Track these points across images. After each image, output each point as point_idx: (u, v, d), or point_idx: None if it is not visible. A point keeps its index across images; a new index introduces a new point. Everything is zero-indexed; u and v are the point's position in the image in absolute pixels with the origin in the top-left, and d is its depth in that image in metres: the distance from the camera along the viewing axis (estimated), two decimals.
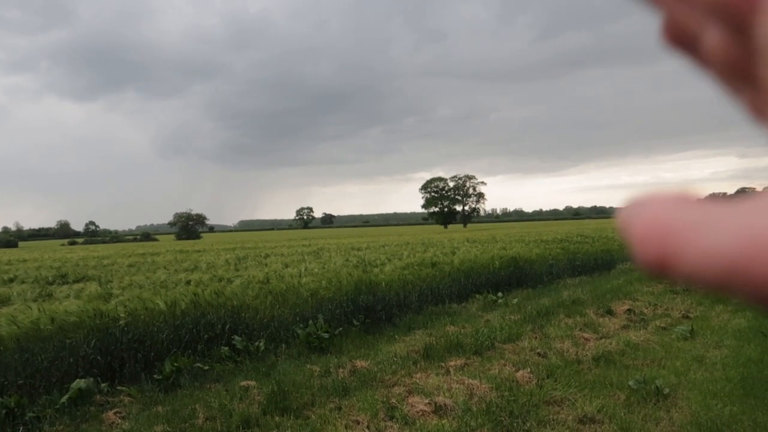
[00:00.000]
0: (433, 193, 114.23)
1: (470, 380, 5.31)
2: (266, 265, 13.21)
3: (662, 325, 7.72)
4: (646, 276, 12.26)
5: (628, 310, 8.78)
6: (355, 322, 7.72)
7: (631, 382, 5.05)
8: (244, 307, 7.40)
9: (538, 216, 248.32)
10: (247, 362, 6.20)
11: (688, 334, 7.03)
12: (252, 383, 5.31)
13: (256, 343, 6.59)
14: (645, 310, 8.84)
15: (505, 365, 5.86)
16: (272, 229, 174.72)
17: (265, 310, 7.54)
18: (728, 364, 5.72)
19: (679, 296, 10.07)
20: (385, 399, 4.79)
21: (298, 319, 7.42)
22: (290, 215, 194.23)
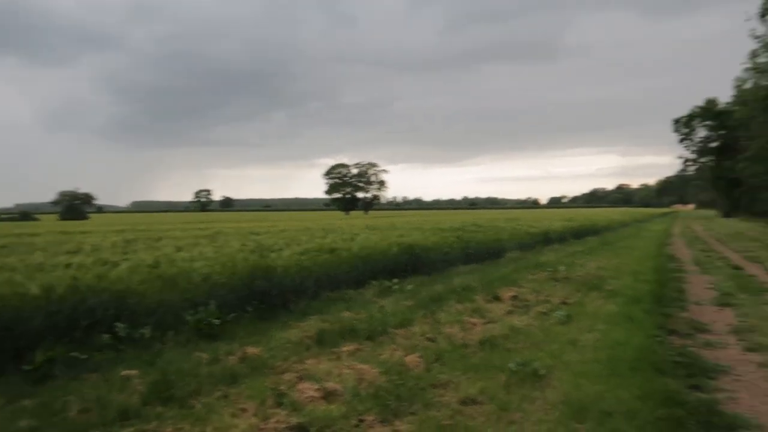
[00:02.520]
0: (336, 180, 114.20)
1: (361, 365, 5.39)
2: (157, 248, 12.57)
3: (543, 310, 8.24)
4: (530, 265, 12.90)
5: (514, 296, 9.29)
6: (248, 308, 7.57)
7: (511, 365, 5.35)
8: (130, 293, 7.01)
9: (437, 205, 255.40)
10: (130, 350, 5.89)
11: (565, 319, 7.56)
12: (134, 372, 5.06)
13: (141, 330, 6.27)
14: (529, 297, 9.40)
15: (396, 350, 6.00)
16: (168, 211, 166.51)
17: (152, 295, 7.18)
18: (598, 347, 6.22)
19: (560, 284, 10.79)
20: (274, 386, 4.75)
21: (188, 304, 7.14)
22: (188, 197, 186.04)
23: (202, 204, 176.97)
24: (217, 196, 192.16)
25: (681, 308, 8.96)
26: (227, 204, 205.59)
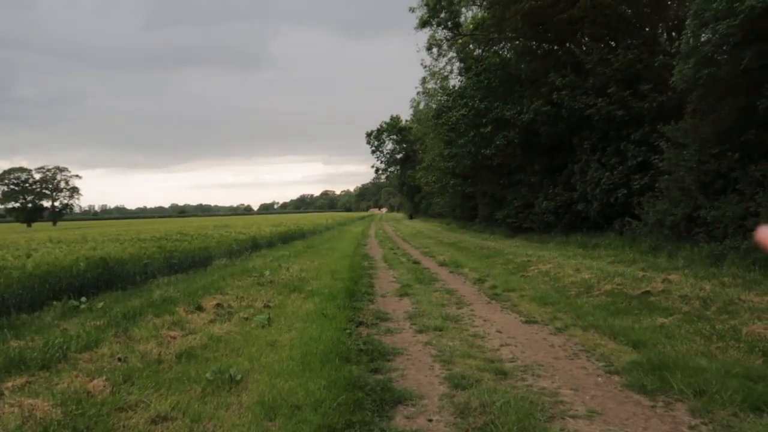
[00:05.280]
0: (13, 186, 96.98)
1: (30, 400, 4.63)
2: None
3: (245, 315, 8.31)
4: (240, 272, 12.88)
5: (218, 304, 9.14)
6: None
7: (208, 374, 5.25)
8: None
9: (143, 213, 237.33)
10: None
11: (266, 322, 7.75)
12: None
13: None
14: (233, 303, 9.37)
15: (77, 377, 5.33)
16: None
17: None
18: (294, 345, 6.53)
19: (264, 288, 11.04)
20: None
21: None
22: None
23: None
24: None
25: (370, 301, 10.01)
26: None
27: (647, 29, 20.79)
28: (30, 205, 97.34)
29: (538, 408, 4.50)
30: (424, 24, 29.35)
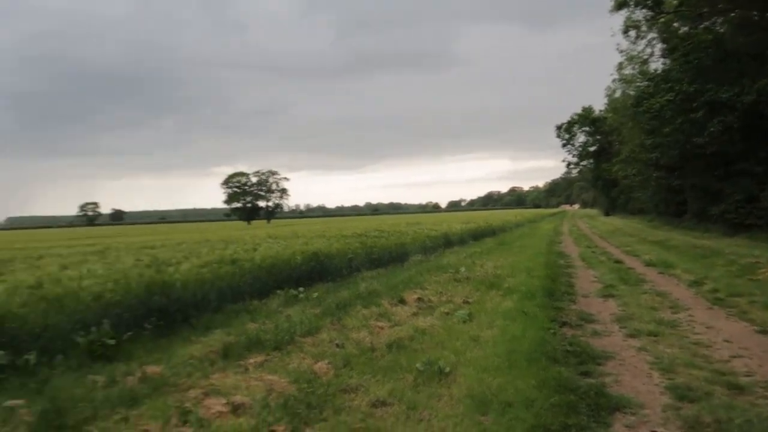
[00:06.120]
0: (235, 189, 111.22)
1: (269, 376, 5.31)
2: (39, 267, 11.63)
3: (446, 310, 8.52)
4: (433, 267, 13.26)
5: (418, 298, 9.53)
6: (147, 326, 7.19)
7: (418, 365, 5.50)
8: (9, 317, 6.43)
9: (340, 212, 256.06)
10: (13, 379, 5.42)
11: (467, 318, 7.87)
12: (19, 402, 4.65)
13: (25, 357, 5.78)
14: (432, 298, 9.68)
15: (304, 358, 5.96)
16: (49, 226, 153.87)
17: (36, 318, 6.64)
18: (498, 342, 6.54)
19: (461, 284, 11.20)
20: (179, 404, 4.56)
21: (78, 326, 6.66)
22: (72, 211, 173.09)
23: (89, 218, 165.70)
24: (106, 209, 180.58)
25: (571, 301, 9.62)
26: (118, 217, 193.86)
27: None
28: (249, 205, 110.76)
29: None
30: (620, 6, 27.25)
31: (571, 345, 6.47)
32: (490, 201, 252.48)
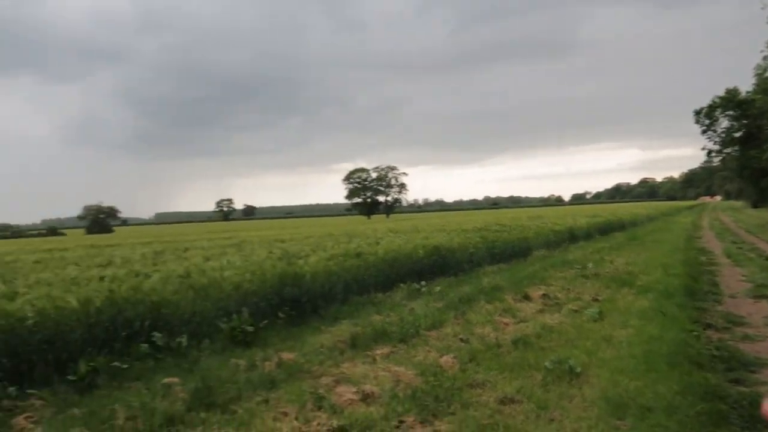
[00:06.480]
0: (356, 184, 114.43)
1: (396, 367, 5.43)
2: (186, 258, 12.76)
3: (574, 308, 8.18)
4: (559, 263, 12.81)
5: (544, 295, 9.24)
6: (280, 315, 7.66)
7: (547, 363, 5.34)
8: (164, 303, 7.14)
9: (459, 206, 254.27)
10: (168, 359, 6.02)
11: (598, 316, 7.50)
12: (174, 380, 5.16)
13: (178, 339, 6.40)
14: (559, 295, 9.33)
15: (429, 352, 6.02)
16: (190, 221, 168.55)
17: (186, 305, 7.31)
18: (633, 342, 6.17)
19: (590, 281, 10.70)
20: (312, 389, 4.81)
21: (221, 313, 7.25)
22: (209, 207, 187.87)
23: (225, 213, 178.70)
24: (238, 205, 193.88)
25: (716, 301, 8.83)
26: (249, 212, 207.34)
27: None
28: (369, 199, 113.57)
29: None
30: None
31: (718, 349, 5.95)
32: (618, 193, 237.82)
